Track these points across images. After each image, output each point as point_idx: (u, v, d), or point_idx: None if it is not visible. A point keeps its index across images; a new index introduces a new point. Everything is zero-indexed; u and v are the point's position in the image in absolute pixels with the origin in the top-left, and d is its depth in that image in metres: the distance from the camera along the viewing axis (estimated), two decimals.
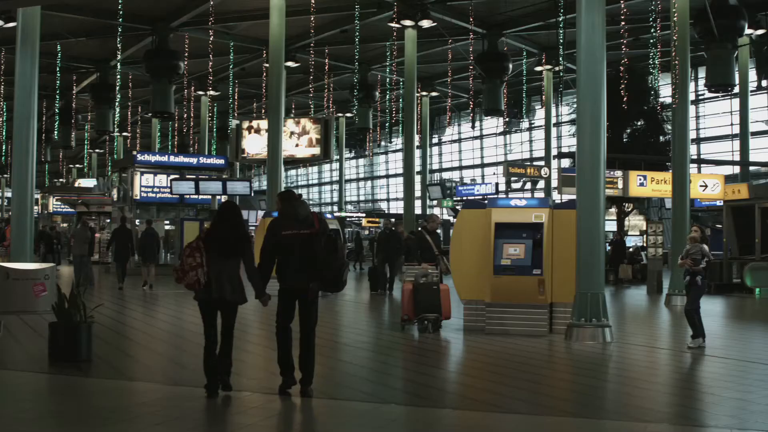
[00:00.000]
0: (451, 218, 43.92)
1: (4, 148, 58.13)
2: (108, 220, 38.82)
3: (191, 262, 8.32)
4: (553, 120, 46.77)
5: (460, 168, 64.32)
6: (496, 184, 47.03)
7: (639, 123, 33.73)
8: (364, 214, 60.48)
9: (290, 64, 36.02)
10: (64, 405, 8.58)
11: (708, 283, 13.16)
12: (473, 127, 57.85)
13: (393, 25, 32.83)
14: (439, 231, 16.11)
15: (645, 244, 31.38)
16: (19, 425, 7.46)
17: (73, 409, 8.30)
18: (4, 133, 53.00)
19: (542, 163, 43.79)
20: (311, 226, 8.53)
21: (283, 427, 7.70)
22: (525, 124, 56.91)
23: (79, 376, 9.65)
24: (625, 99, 27.14)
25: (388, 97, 49.95)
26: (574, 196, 14.56)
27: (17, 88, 17.55)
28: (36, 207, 26.40)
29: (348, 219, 53.52)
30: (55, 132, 52.20)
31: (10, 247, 18.31)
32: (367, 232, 42.72)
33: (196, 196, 31.18)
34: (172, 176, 30.93)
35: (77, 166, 75.58)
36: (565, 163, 37.73)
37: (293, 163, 46.06)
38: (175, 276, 8.58)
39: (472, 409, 8.41)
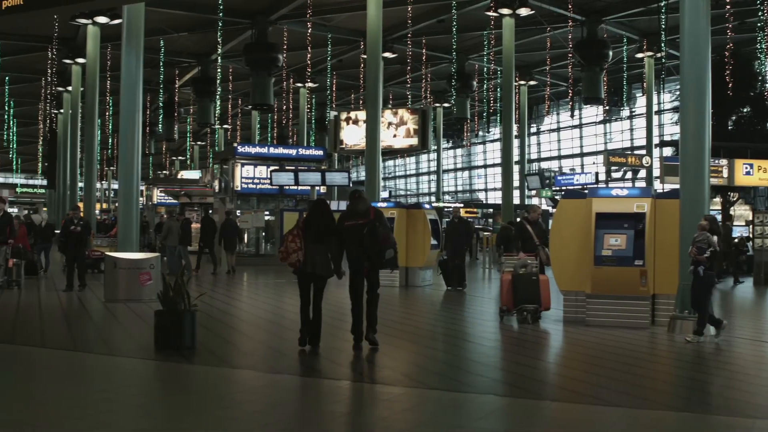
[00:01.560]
0: (550, 208, 43.47)
1: (110, 141, 59.87)
2: (210, 211, 39.59)
3: (293, 246, 10.59)
4: (655, 108, 45.82)
5: (559, 157, 63.57)
6: (596, 174, 46.34)
7: (745, 110, 32.77)
8: (462, 205, 60.32)
9: (387, 54, 36.15)
10: (170, 391, 8.80)
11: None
12: (572, 115, 57.07)
13: (490, 13, 32.64)
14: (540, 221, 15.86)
15: (751, 235, 30.49)
16: (126, 410, 7.70)
17: (178, 395, 8.50)
18: (110, 127, 54.56)
19: (643, 151, 42.99)
20: (366, 217, 10.70)
21: (379, 416, 7.73)
22: (625, 112, 55.93)
23: (183, 363, 9.87)
24: (730, 85, 26.39)
25: (485, 86, 49.71)
26: (676, 186, 14.22)
27: (123, 83, 17.97)
28: (141, 198, 27.10)
29: (446, 209, 53.43)
30: (159, 125, 53.58)
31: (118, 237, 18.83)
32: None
33: (295, 187, 31.52)
34: (272, 167, 31.32)
35: (180, 158, 77.38)
36: (668, 151, 36.92)
37: (391, 153, 46.27)
38: (279, 257, 10.85)
39: (572, 401, 8.30)
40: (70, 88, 42.68)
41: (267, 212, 32.08)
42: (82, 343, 11.65)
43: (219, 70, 41.15)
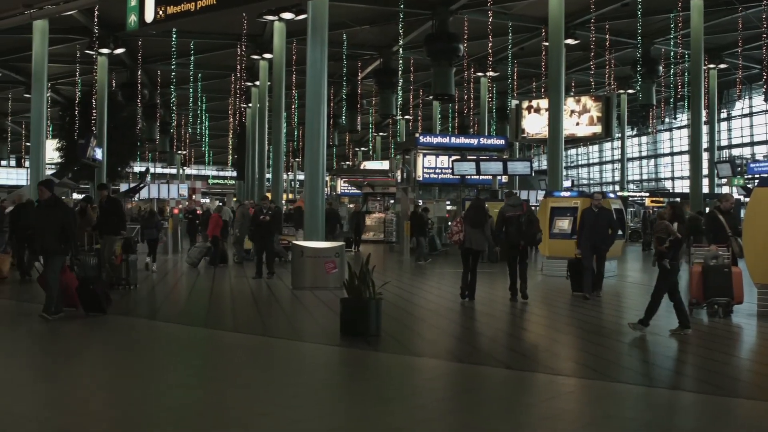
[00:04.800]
0: (742, 197, 41.68)
1: (296, 133, 61.65)
2: (392, 201, 40.11)
3: (456, 229, 15.15)
4: None
5: (752, 144, 60.79)
6: None
7: None
8: (647, 194, 58.67)
9: (570, 41, 35.53)
10: (356, 377, 9.00)
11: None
12: (766, 99, 54.43)
13: None
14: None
15: None
16: (314, 394, 7.92)
17: (365, 382, 8.70)
18: (296, 119, 56.17)
19: None
20: (520, 210, 15.09)
21: (562, 407, 7.63)
22: None
23: (368, 350, 10.07)
24: None
25: (672, 71, 48.11)
26: None
27: (308, 77, 18.46)
28: (325, 189, 27.79)
29: (630, 198, 52.14)
30: (343, 117, 54.75)
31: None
32: (650, 213, 41.48)
33: (476, 177, 31.51)
34: (454, 157, 31.42)
35: (362, 149, 78.78)
36: None
37: (574, 141, 45.56)
38: (447, 236, 15.79)
39: (766, 399, 7.94)
40: (257, 83, 44.28)
41: (448, 202, 32.23)
42: (271, 329, 12.08)
43: (400, 61, 41.61)
